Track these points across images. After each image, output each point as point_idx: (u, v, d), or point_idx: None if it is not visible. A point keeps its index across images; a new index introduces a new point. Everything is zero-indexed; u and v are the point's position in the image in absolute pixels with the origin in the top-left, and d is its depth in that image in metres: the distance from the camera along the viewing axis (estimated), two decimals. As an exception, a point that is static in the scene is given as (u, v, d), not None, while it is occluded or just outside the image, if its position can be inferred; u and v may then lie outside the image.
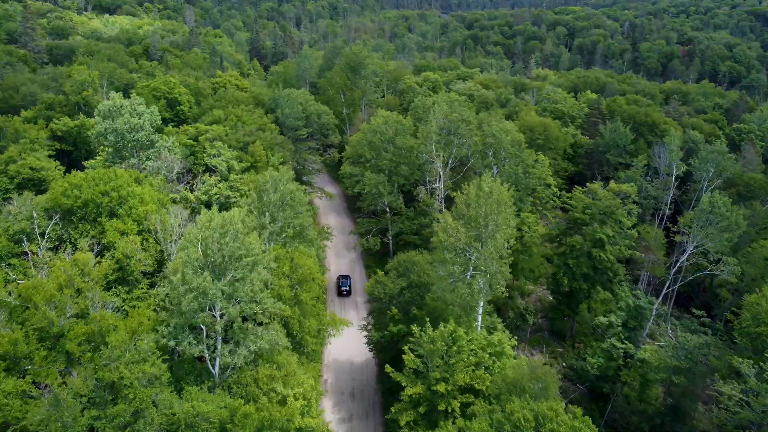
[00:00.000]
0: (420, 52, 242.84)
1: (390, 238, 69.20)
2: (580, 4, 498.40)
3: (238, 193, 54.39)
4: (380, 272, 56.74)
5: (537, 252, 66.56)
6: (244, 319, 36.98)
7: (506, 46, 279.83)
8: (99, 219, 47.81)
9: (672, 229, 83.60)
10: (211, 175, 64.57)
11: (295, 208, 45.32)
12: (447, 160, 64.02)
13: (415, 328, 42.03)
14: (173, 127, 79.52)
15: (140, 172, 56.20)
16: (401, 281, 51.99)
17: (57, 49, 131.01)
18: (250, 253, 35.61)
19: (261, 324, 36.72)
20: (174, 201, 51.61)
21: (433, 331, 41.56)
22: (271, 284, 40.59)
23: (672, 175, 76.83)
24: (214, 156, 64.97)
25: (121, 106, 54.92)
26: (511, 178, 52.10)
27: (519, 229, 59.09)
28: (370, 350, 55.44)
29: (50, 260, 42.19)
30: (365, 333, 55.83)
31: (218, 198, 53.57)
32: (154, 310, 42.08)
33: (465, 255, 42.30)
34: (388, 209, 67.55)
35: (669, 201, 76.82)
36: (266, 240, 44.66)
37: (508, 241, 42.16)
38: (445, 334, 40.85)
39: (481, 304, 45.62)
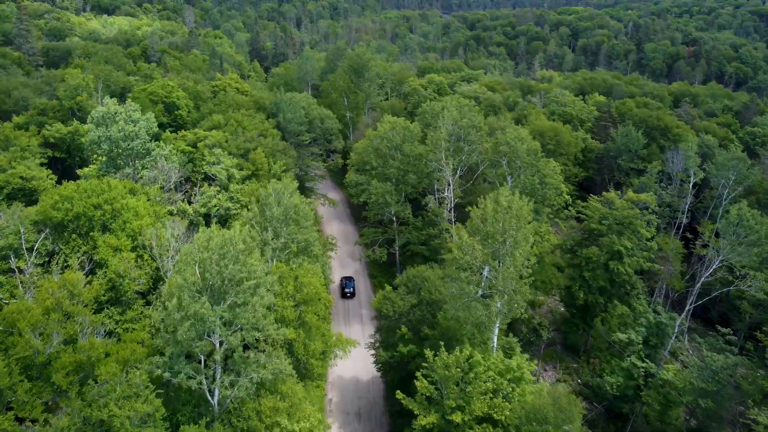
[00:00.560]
0: (422, 53, 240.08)
1: (396, 248, 66.43)
2: (582, 4, 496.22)
3: (238, 205, 51.59)
4: (388, 287, 53.94)
5: (549, 262, 63.83)
6: (246, 347, 34.20)
7: (509, 46, 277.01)
8: (91, 233, 45.07)
9: (689, 237, 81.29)
10: (210, 184, 61.85)
11: (300, 222, 42.52)
12: (456, 167, 61.25)
13: (428, 352, 39.27)
14: (171, 132, 76.79)
15: (136, 182, 53.45)
16: (411, 298, 49.21)
17: (53, 51, 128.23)
18: (252, 275, 32.84)
19: (263, 351, 33.88)
20: (171, 213, 48.83)
21: (448, 354, 38.84)
22: (275, 305, 37.84)
23: (689, 183, 73.92)
24: (214, 164, 62.23)
25: (116, 113, 52.15)
26: (527, 189, 49.34)
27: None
28: (378, 370, 52.68)
29: (37, 280, 39.42)
30: (372, 352, 53.05)
31: (217, 210, 50.78)
32: (149, 332, 39.38)
33: (481, 273, 39.54)
34: (394, 219, 64.80)
35: (686, 209, 73.91)
36: (269, 257, 41.88)
37: (528, 259, 39.38)
38: (461, 359, 38.10)
39: (498, 324, 42.86)
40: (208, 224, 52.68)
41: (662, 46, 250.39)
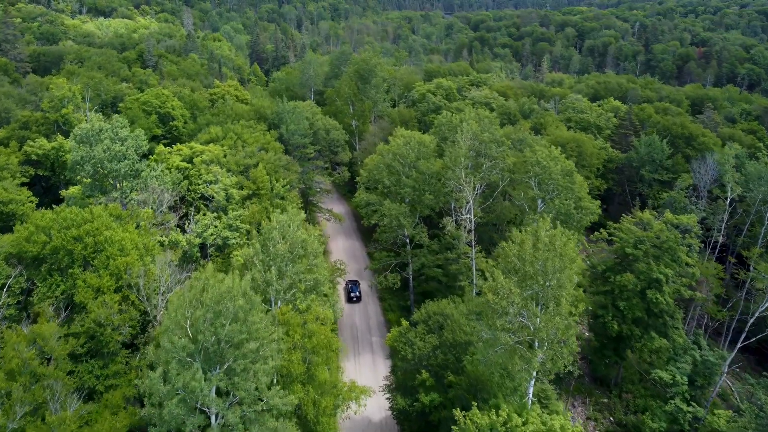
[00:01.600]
0: (426, 55, 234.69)
1: (410, 273, 60.99)
2: (584, 4, 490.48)
3: (237, 234, 46.13)
4: (404, 323, 48.59)
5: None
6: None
7: (514, 48, 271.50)
8: (71, 270, 39.66)
9: (722, 256, 75.89)
10: (207, 205, 56.43)
11: (308, 259, 37.08)
12: (476, 186, 55.79)
13: (457, 414, 33.81)
14: (165, 145, 71.36)
15: (124, 206, 48.03)
16: (432, 338, 43.80)
17: (44, 56, 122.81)
18: (254, 335, 27.44)
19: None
20: (162, 245, 43.37)
21: (480, 414, 33.43)
22: (281, 355, 32.39)
23: (726, 198, 68.40)
24: (211, 183, 56.79)
25: (101, 130, 46.73)
26: (562, 214, 43.97)
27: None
28: (394, 417, 47.25)
29: (4, 330, 33.97)
30: (387, 395, 47.64)
31: (214, 239, 45.32)
32: (135, 387, 33.98)
33: (519, 320, 34.11)
34: (408, 241, 59.35)
35: (723, 228, 68.39)
36: (272, 298, 36.47)
37: (575, 305, 33.94)
38: (497, 423, 32.68)
39: (535, 374, 37.45)
40: (204, 255, 47.25)
41: (671, 47, 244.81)
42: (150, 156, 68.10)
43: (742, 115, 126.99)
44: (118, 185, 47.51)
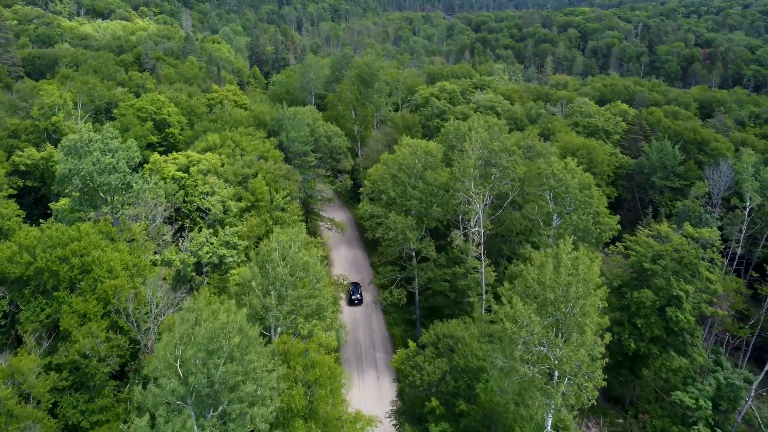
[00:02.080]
0: (427, 57, 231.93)
1: (416, 288, 58.33)
2: (586, 4, 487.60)
3: (234, 251, 43.45)
4: (412, 344, 45.99)
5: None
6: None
7: (516, 49, 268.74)
8: (56, 293, 37.04)
9: (740, 268, 73.21)
10: (204, 217, 53.77)
11: (310, 283, 34.43)
12: (485, 197, 53.13)
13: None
14: (161, 154, 68.76)
15: (115, 222, 45.38)
16: (442, 363, 41.16)
17: (39, 59, 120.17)
18: (251, 375, 24.80)
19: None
20: (154, 264, 40.72)
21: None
22: (281, 394, 29.75)
23: (745, 208, 65.73)
24: (207, 194, 54.16)
25: (90, 141, 44.07)
26: (580, 230, 41.33)
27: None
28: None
29: (-19, 364, 31.34)
30: (394, 421, 44.97)
31: (210, 257, 42.63)
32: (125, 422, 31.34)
33: (539, 350, 31.44)
34: (414, 254, 56.70)
35: (743, 239, 65.66)
36: (271, 325, 33.82)
37: (601, 335, 31.29)
38: (517, 464, 30.07)
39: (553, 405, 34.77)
40: (199, 271, 44.58)
41: (675, 48, 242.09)
42: (145, 164, 65.65)
43: (751, 118, 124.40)
44: (108, 199, 44.84)
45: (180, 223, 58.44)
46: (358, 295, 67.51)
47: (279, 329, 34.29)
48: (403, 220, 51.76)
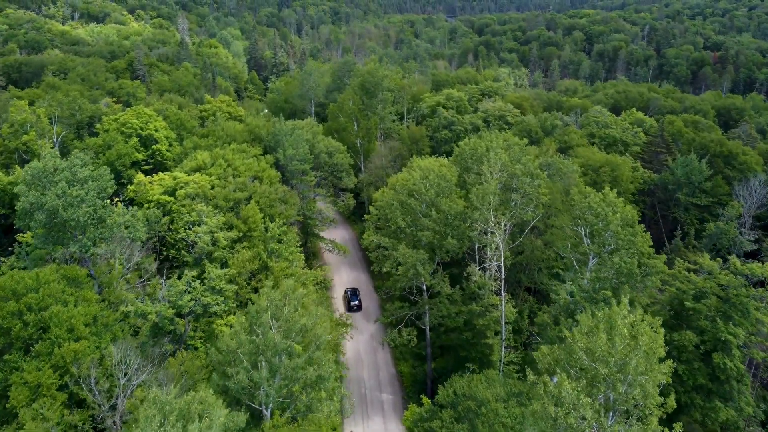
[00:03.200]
0: (431, 60, 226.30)
1: (427, 325, 52.47)
2: (588, 6, 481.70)
3: (221, 297, 37.55)
4: (426, 401, 40.33)
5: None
6: None
7: (521, 52, 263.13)
8: (7, 355, 31.22)
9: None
10: (190, 251, 47.92)
11: (309, 347, 28.58)
12: (505, 226, 47.25)
13: None
14: (147, 173, 63.02)
15: (86, 263, 39.57)
16: (462, 429, 35.35)
17: (26, 66, 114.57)
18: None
19: None
20: (126, 316, 34.84)
21: None
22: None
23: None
24: (194, 224, 48.34)
25: (55, 170, 38.28)
26: (623, 275, 35.50)
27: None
28: None
29: None
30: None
31: (193, 305, 36.74)
32: None
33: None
34: (425, 289, 50.85)
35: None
36: (261, 404, 27.93)
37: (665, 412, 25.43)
38: None
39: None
40: (180, 313, 38.61)
41: (685, 51, 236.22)
42: (129, 186, 59.90)
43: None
44: (79, 235, 38.99)
45: (165, 253, 52.77)
46: (357, 301, 65.28)
47: (270, 406, 28.37)
48: (413, 253, 45.89)
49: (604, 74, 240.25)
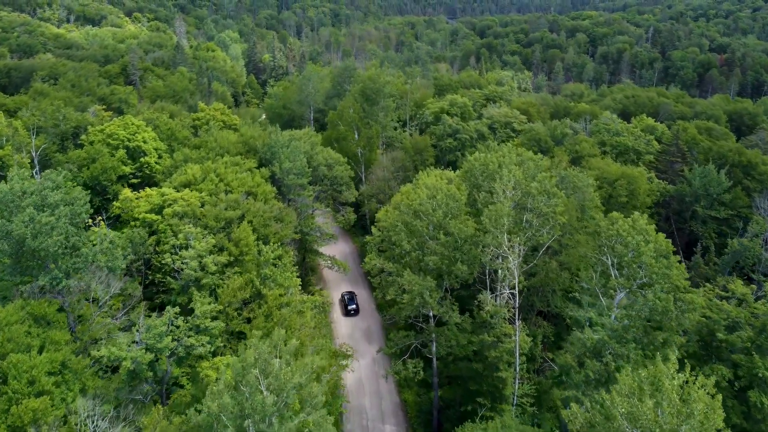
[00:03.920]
0: (432, 63, 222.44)
1: (434, 353, 48.58)
2: (590, 7, 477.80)
3: (206, 337, 33.60)
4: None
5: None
6: None
7: (523, 55, 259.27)
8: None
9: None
10: (176, 277, 44.04)
11: (304, 407, 24.68)
12: (519, 249, 43.36)
13: None
14: (134, 188, 59.25)
15: (58, 296, 35.69)
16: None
17: (15, 71, 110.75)
18: None
19: None
20: (98, 362, 30.91)
21: None
22: None
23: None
24: (181, 247, 44.48)
25: (23, 194, 34.45)
26: (657, 313, 31.57)
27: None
28: None
29: None
30: None
31: (175, 347, 32.81)
32: None
33: None
34: (432, 317, 46.97)
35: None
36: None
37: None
38: None
39: None
40: (158, 355, 34.61)
41: (690, 53, 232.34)
42: (114, 202, 56.12)
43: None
44: (51, 265, 35.12)
45: (151, 277, 48.91)
46: (354, 305, 64.36)
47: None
48: (420, 280, 42.00)
49: (608, 77, 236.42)
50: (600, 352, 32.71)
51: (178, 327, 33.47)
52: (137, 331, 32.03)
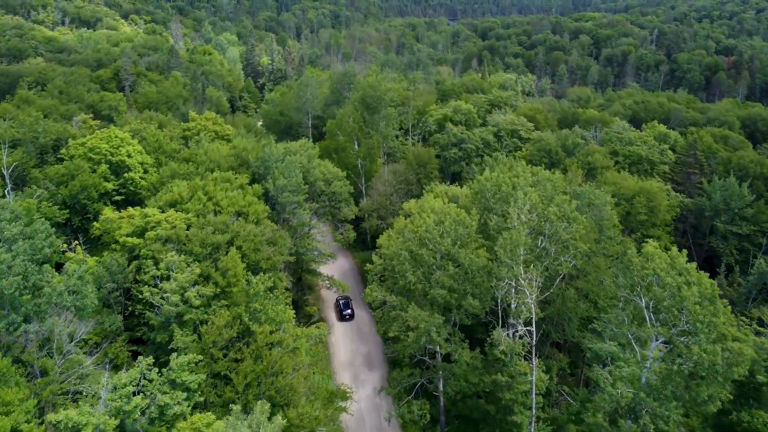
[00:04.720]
0: (434, 66, 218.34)
1: (440, 391, 44.34)
2: (591, 9, 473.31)
3: (183, 394, 29.29)
4: None
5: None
6: None
7: (526, 57, 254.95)
8: None
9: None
10: (157, 312, 39.83)
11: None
12: (536, 281, 39.09)
13: None
14: (118, 206, 55.11)
15: (16, 341, 31.43)
16: None
17: (3, 76, 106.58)
18: None
19: None
20: (55, 426, 26.64)
21: None
22: None
23: None
24: (162, 278, 40.28)
25: (-24, 227, 30.22)
26: (703, 368, 27.30)
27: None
28: None
29: None
30: None
31: (146, 406, 28.48)
32: None
33: None
34: (439, 353, 42.74)
35: None
36: None
37: None
38: None
39: None
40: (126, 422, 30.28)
41: (697, 56, 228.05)
42: (95, 222, 51.92)
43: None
44: (10, 308, 30.90)
45: (131, 308, 44.67)
46: (349, 311, 63.67)
47: None
48: (426, 316, 37.75)
49: (613, 80, 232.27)
50: (634, 409, 28.44)
51: (151, 381, 29.24)
52: (103, 388, 27.75)
